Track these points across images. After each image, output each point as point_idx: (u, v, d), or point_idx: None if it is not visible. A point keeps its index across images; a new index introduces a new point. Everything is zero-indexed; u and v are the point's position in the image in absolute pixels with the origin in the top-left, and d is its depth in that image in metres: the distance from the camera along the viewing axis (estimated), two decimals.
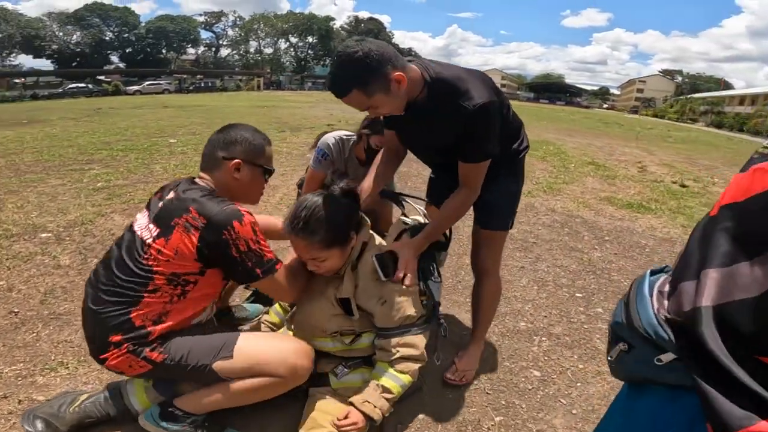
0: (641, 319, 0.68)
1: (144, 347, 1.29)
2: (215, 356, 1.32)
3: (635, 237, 3.79)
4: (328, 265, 1.42)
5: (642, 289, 0.72)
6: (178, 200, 1.32)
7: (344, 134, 2.40)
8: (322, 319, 1.48)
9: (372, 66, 1.23)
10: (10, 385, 1.66)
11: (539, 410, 1.69)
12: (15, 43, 50.45)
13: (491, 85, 1.40)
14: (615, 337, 0.75)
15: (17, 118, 11.87)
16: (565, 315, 2.40)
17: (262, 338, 1.48)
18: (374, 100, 1.30)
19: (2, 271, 2.56)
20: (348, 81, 1.26)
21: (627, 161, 8.06)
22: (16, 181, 4.62)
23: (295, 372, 1.36)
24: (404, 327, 1.45)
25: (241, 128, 1.46)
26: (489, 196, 1.65)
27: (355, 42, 1.25)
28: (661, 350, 0.65)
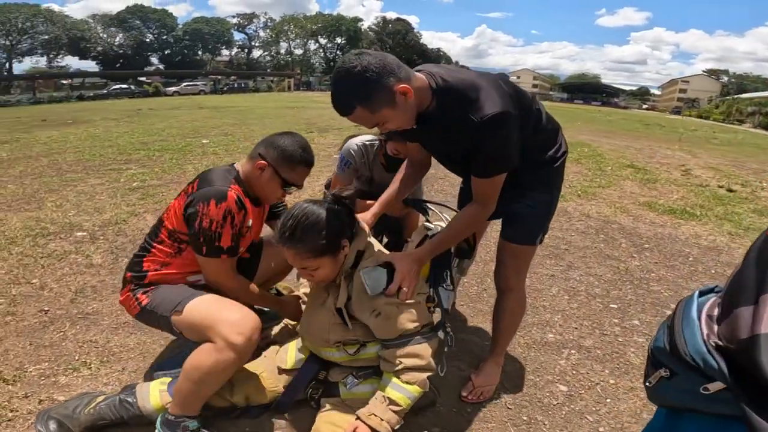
0: (688, 345, 0.64)
1: (139, 289, 1.53)
2: (172, 310, 1.45)
3: (678, 245, 3.58)
4: (320, 274, 1.38)
5: (689, 313, 0.68)
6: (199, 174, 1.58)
7: (368, 139, 2.35)
8: (324, 328, 1.45)
9: (372, 80, 1.15)
10: (33, 384, 1.70)
11: (563, 427, 1.60)
12: (62, 44, 53.07)
13: (507, 93, 1.29)
14: (655, 361, 0.71)
15: (63, 119, 12.53)
16: (597, 327, 2.28)
17: (214, 302, 1.46)
18: (380, 116, 1.22)
19: (36, 269, 2.66)
20: (349, 98, 1.19)
21: (669, 164, 7.67)
22: (58, 180, 4.84)
23: (232, 340, 1.32)
24: (405, 337, 1.38)
25: (289, 138, 1.58)
26: (517, 207, 1.55)
27: (353, 56, 1.18)
28: (707, 379, 0.61)
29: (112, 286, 2.48)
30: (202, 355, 1.35)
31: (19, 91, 35.18)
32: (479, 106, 1.22)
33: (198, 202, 1.44)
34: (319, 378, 1.56)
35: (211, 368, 1.33)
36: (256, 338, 1.39)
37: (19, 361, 1.82)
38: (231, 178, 1.53)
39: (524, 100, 1.37)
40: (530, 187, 1.53)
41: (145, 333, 2.01)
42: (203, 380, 1.34)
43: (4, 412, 1.54)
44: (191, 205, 1.46)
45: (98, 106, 19.97)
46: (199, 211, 1.44)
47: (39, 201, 4.05)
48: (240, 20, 68.62)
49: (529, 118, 1.40)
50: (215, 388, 1.40)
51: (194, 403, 1.39)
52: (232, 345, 1.33)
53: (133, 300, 1.53)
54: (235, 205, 1.46)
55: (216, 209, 1.43)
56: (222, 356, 1.32)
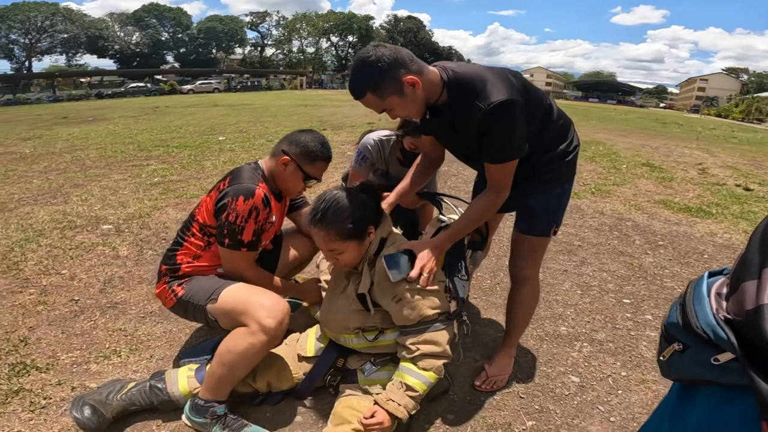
0: (699, 319, 0.68)
1: (174, 281, 1.62)
2: (208, 298, 1.54)
3: (693, 242, 3.57)
4: (345, 258, 1.44)
5: (700, 291, 0.72)
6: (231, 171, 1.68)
7: (385, 134, 2.41)
8: (344, 315, 1.51)
9: (383, 69, 1.27)
10: (65, 371, 1.77)
11: (575, 416, 1.64)
12: (80, 43, 53.94)
13: (513, 84, 1.35)
14: (669, 336, 0.75)
15: (83, 116, 12.83)
16: (610, 321, 2.31)
17: (246, 288, 1.55)
18: (388, 102, 1.33)
19: (66, 261, 2.78)
20: (362, 84, 1.31)
21: (686, 163, 7.57)
22: (82, 175, 4.99)
23: (264, 324, 1.40)
24: (424, 324, 1.44)
25: (309, 135, 1.68)
26: (531, 200, 1.60)
27: (371, 47, 1.31)
28: (717, 350, 0.65)
29: (138, 277, 2.59)
30: (235, 338, 1.42)
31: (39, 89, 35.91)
32: (486, 95, 1.30)
33: (228, 197, 1.54)
34: (338, 365, 1.62)
35: (244, 351, 1.40)
36: (286, 323, 1.46)
37: (52, 349, 1.90)
38: (259, 176, 1.63)
39: (533, 93, 1.43)
40: (542, 181, 1.58)
41: (171, 322, 2.10)
42: (235, 363, 1.41)
43: (38, 399, 1.60)
44: (222, 199, 1.56)
45: (116, 104, 20.36)
46: (228, 205, 1.53)
47: (65, 195, 4.19)
48: (253, 18, 69.08)
49: (539, 111, 1.46)
50: (246, 371, 1.47)
51: (224, 388, 1.45)
52: (264, 328, 1.40)
53: (169, 292, 1.62)
54: (261, 203, 1.56)
55: (243, 205, 1.52)
56: (255, 339, 1.40)
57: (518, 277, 1.73)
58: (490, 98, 1.29)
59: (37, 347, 1.90)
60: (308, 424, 1.55)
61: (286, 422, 1.54)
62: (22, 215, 3.61)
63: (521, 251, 1.70)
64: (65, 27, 52.06)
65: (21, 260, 2.74)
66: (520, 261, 1.71)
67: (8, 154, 6.39)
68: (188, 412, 1.47)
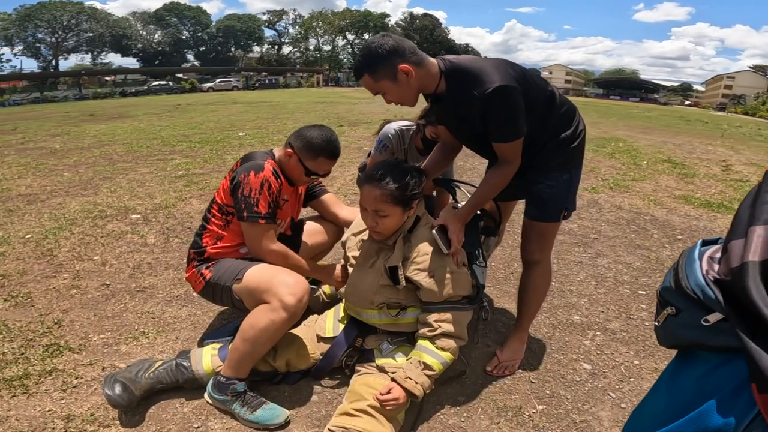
0: (689, 280, 0.69)
1: (202, 265, 1.71)
2: (234, 279, 1.62)
3: (712, 237, 3.52)
4: (386, 222, 1.51)
5: (692, 254, 0.73)
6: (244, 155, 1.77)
7: (405, 125, 2.48)
8: (371, 289, 1.57)
9: (381, 56, 1.40)
10: (97, 352, 1.86)
11: (585, 402, 1.67)
12: (105, 41, 55.18)
13: (509, 72, 1.42)
14: (662, 301, 0.75)
15: (109, 113, 13.21)
16: (624, 311, 2.32)
17: (269, 268, 1.63)
18: (380, 86, 1.45)
19: (98, 248, 2.92)
20: (361, 66, 1.45)
21: (709, 160, 7.41)
22: (110, 169, 5.19)
23: (285, 301, 1.47)
24: (449, 303, 1.51)
25: (317, 130, 1.73)
26: (539, 188, 1.64)
27: (379, 36, 1.43)
28: (708, 311, 0.65)
29: (165, 263, 2.70)
30: (257, 314, 1.50)
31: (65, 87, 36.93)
32: (482, 82, 1.39)
33: (240, 174, 1.64)
34: (356, 345, 1.68)
35: (265, 327, 1.47)
36: (306, 300, 1.53)
37: (84, 330, 2.00)
38: (267, 156, 1.73)
39: (533, 82, 1.50)
40: (549, 167, 1.62)
41: (196, 305, 2.20)
42: (257, 339, 1.48)
43: (70, 379, 1.67)
44: (236, 177, 1.66)
45: (140, 102, 20.86)
46: (241, 181, 1.63)
47: (94, 187, 4.37)
48: (270, 17, 69.62)
49: (540, 98, 1.52)
50: (266, 348, 1.54)
51: (246, 365, 1.53)
52: (285, 305, 1.47)
53: (198, 276, 1.70)
54: (271, 175, 1.64)
55: (255, 178, 1.62)
56: (276, 315, 1.47)
57: (529, 261, 1.78)
58: (485, 85, 1.37)
59: (70, 329, 2.01)
60: (324, 402, 1.61)
61: (304, 401, 1.61)
62: (55, 205, 3.78)
63: (531, 237, 1.75)
64: (90, 26, 53.24)
65: (55, 247, 2.89)
66: (530, 246, 1.76)
67: (39, 149, 6.65)
68: (210, 389, 1.54)
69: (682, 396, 0.72)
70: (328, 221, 2.09)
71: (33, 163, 5.53)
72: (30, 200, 3.94)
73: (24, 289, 2.35)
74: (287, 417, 1.51)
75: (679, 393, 0.74)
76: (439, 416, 1.57)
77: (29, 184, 4.52)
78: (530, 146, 1.54)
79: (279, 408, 1.52)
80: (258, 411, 1.48)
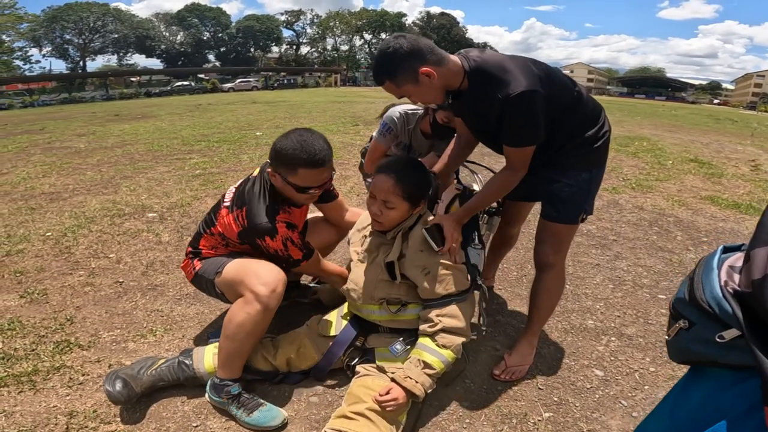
0: (705, 292, 0.64)
1: (195, 258, 1.71)
2: (215, 272, 1.61)
3: (739, 240, 3.33)
4: (390, 214, 1.51)
5: (710, 263, 0.67)
6: (243, 193, 1.61)
7: (410, 108, 2.41)
8: (370, 284, 1.56)
9: (400, 60, 1.35)
10: (105, 349, 1.88)
11: (594, 410, 1.61)
12: (130, 43, 56.68)
13: (534, 73, 1.37)
14: (675, 314, 0.70)
15: (133, 113, 13.55)
16: (642, 316, 2.23)
17: (246, 262, 1.60)
18: (404, 90, 1.41)
19: (114, 245, 2.97)
20: (380, 73, 1.40)
21: (738, 159, 7.11)
22: (131, 168, 5.30)
23: (258, 291, 1.45)
24: (447, 298, 1.49)
25: (290, 140, 1.49)
26: (557, 187, 1.58)
27: (392, 38, 1.38)
28: (723, 327, 0.60)
29: (177, 261, 2.73)
30: (234, 309, 1.49)
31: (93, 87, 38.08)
32: (506, 85, 1.33)
33: (254, 238, 1.56)
34: (357, 345, 1.66)
35: (242, 321, 1.45)
36: (280, 290, 1.50)
37: (95, 327, 2.02)
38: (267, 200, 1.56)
39: (557, 80, 1.44)
40: (570, 167, 1.56)
41: (204, 303, 2.21)
42: (236, 334, 1.46)
43: (77, 375, 1.69)
44: (245, 236, 1.58)
45: (163, 102, 21.33)
46: (261, 245, 1.57)
47: (115, 186, 4.47)
48: (288, 17, 70.26)
49: (565, 97, 1.47)
50: (250, 343, 1.51)
51: (235, 363, 1.51)
52: (257, 296, 1.45)
53: (190, 266, 1.73)
54: (287, 231, 1.56)
55: (274, 242, 1.55)
56: (250, 308, 1.45)
57: (543, 263, 1.71)
58: (509, 89, 1.32)
59: (81, 326, 2.04)
60: (324, 404, 1.59)
61: (303, 401, 1.59)
62: (76, 204, 3.88)
63: (546, 238, 1.68)
64: (116, 27, 54.77)
65: (73, 244, 2.96)
66: (545, 248, 1.69)
67: (64, 149, 6.85)
68: (209, 390, 1.54)
69: (689, 413, 0.68)
70: (334, 223, 2.06)
71: (58, 162, 5.70)
72: (52, 198, 4.06)
73: (40, 285, 2.41)
74: (285, 418, 1.49)
75: (685, 410, 0.69)
76: (440, 421, 1.53)
77: (53, 182, 4.65)
78: (549, 146, 1.50)
79: (276, 409, 1.50)
80: (255, 413, 1.47)
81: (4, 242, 2.99)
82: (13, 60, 43.56)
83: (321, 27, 69.22)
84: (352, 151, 6.26)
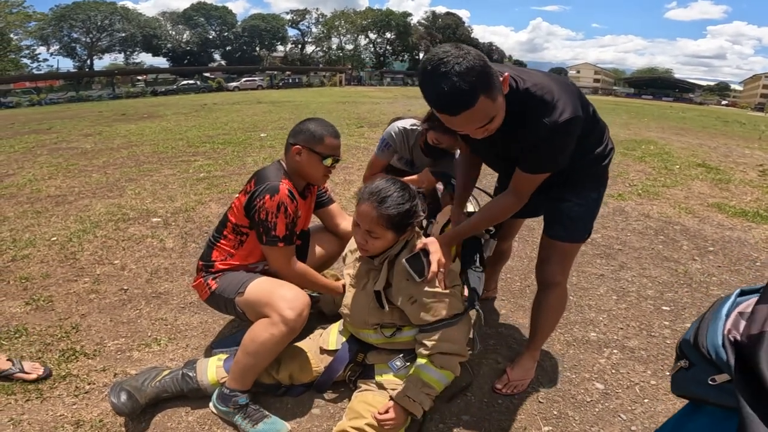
0: (707, 339, 0.71)
1: (209, 276, 1.71)
2: (236, 292, 1.63)
3: (746, 249, 3.34)
4: (375, 245, 1.47)
5: (720, 310, 0.74)
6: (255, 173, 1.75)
7: (411, 123, 2.34)
8: (363, 310, 1.56)
9: (488, 66, 1.09)
10: (110, 358, 1.89)
11: (594, 424, 1.61)
12: (136, 41, 56.97)
13: (578, 94, 1.29)
14: (679, 353, 0.78)
15: (140, 113, 13.62)
16: (645, 328, 2.22)
17: (271, 282, 1.64)
18: (498, 105, 1.16)
19: (118, 251, 2.99)
20: (474, 86, 1.07)
21: (746, 164, 7.05)
22: (136, 170, 5.33)
23: (286, 315, 1.47)
24: (439, 323, 1.46)
25: (311, 121, 1.74)
26: (567, 206, 1.55)
27: (453, 47, 1.09)
28: (718, 371, 0.67)
29: (181, 268, 2.75)
30: (258, 328, 1.51)
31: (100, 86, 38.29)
32: (552, 109, 1.22)
33: (256, 198, 1.61)
34: (358, 360, 1.67)
35: (266, 340, 1.48)
36: (306, 314, 1.53)
37: (100, 336, 2.04)
38: (281, 174, 1.69)
39: (584, 101, 1.35)
40: (581, 185, 1.53)
41: (207, 313, 2.22)
42: (258, 352, 1.49)
43: (83, 384, 1.71)
44: (251, 200, 1.63)
45: (169, 101, 21.41)
46: (257, 205, 1.60)
47: (120, 189, 4.50)
48: (293, 16, 70.40)
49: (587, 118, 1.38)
50: (268, 361, 1.55)
51: (248, 377, 1.54)
52: (285, 319, 1.47)
53: (204, 286, 1.71)
54: (287, 197, 1.61)
55: (270, 202, 1.59)
56: (275, 330, 1.48)
57: (547, 283, 1.67)
58: (557, 115, 1.21)
59: (87, 334, 2.05)
60: (326, 416, 1.60)
61: (305, 414, 1.61)
62: (81, 207, 3.91)
63: (553, 258, 1.63)
64: (123, 26, 55.02)
65: (78, 250, 2.99)
66: (551, 267, 1.64)
67: (71, 149, 6.91)
68: (215, 400, 1.56)
69: None
70: (333, 232, 2.07)
71: (64, 164, 5.74)
72: (58, 202, 4.09)
73: (46, 292, 2.43)
74: (288, 431, 1.51)
75: None
76: None
77: (59, 185, 4.69)
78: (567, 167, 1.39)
79: (280, 422, 1.52)
80: (259, 425, 1.49)
81: (9, 247, 3.02)
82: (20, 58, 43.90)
83: (326, 26, 69.30)
84: (356, 155, 6.28)
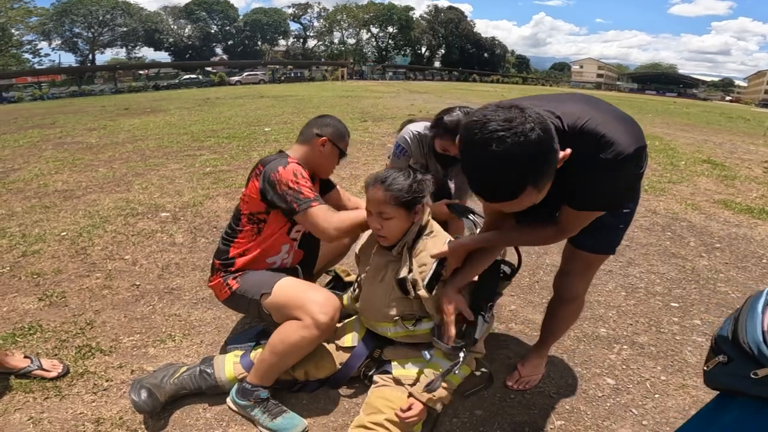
0: (747, 335, 0.73)
1: (229, 275, 1.69)
2: (262, 293, 1.60)
3: (752, 246, 3.35)
4: (390, 225, 1.50)
5: (755, 306, 0.76)
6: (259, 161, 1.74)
7: (424, 126, 2.24)
8: (383, 303, 1.57)
9: (547, 146, 0.90)
10: (126, 355, 1.90)
11: (605, 418, 1.63)
12: (138, 36, 56.74)
13: (633, 124, 1.17)
14: (716, 348, 0.80)
15: (143, 107, 13.59)
16: (654, 324, 2.24)
17: (298, 284, 1.64)
18: (543, 193, 0.98)
19: (129, 246, 3.00)
20: (525, 178, 0.90)
21: (751, 161, 7.03)
22: (142, 165, 5.34)
23: (317, 320, 1.48)
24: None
25: (331, 118, 1.83)
26: (604, 217, 1.35)
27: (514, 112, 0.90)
28: (758, 365, 0.70)
29: (192, 263, 2.77)
30: (289, 330, 1.51)
31: (102, 81, 38.20)
32: (609, 144, 1.06)
33: (268, 176, 1.60)
34: (374, 356, 1.69)
35: (296, 342, 1.49)
36: (337, 318, 1.55)
37: (115, 332, 2.05)
38: (286, 155, 1.71)
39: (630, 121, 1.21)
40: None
41: (220, 309, 2.22)
42: (286, 353, 1.51)
43: (101, 381, 1.72)
44: (264, 182, 1.61)
45: (172, 95, 21.35)
46: (274, 180, 1.58)
47: (127, 184, 4.52)
48: (295, 10, 69.90)
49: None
50: (294, 361, 1.57)
51: (272, 375, 1.56)
52: (317, 323, 1.48)
53: (224, 286, 1.68)
54: (298, 165, 1.63)
55: (285, 171, 1.59)
56: (307, 333, 1.48)
57: (568, 294, 1.60)
58: (615, 147, 1.05)
59: (101, 330, 2.06)
60: (341, 412, 1.62)
61: (321, 410, 1.62)
62: (89, 202, 3.93)
63: (578, 269, 1.54)
64: (124, 21, 54.77)
65: (89, 245, 3.00)
66: (571, 280, 1.56)
67: (76, 144, 6.92)
68: (234, 395, 1.58)
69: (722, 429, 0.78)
70: None
71: (70, 158, 5.76)
72: (66, 196, 4.11)
73: (58, 288, 2.45)
74: (305, 427, 1.52)
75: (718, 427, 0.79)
76: (454, 430, 1.56)
77: (65, 179, 4.71)
78: None
79: (298, 417, 1.54)
80: (278, 419, 1.50)
81: (19, 242, 3.04)
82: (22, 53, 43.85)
83: (328, 20, 68.84)
84: (361, 149, 6.27)
